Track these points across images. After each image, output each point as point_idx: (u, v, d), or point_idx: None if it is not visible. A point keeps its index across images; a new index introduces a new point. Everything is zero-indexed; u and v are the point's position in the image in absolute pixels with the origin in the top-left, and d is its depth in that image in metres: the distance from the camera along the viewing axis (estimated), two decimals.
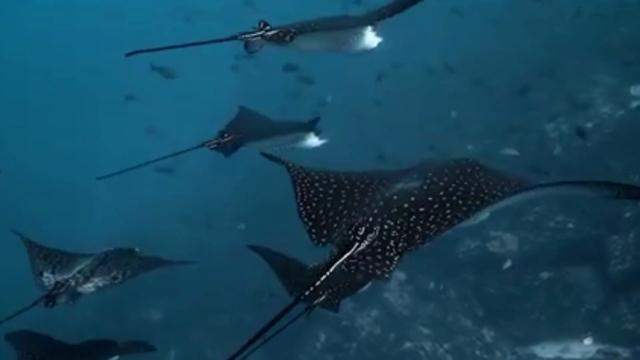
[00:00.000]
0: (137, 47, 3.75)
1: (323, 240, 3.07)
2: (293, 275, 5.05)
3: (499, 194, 3.00)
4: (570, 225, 10.26)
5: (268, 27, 4.09)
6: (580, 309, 9.54)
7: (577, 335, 9.43)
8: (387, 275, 2.81)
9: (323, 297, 4.74)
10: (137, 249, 4.79)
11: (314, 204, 3.24)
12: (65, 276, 4.35)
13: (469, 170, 3.22)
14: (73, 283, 4.32)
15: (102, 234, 16.58)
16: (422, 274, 11.02)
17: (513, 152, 12.10)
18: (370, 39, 4.37)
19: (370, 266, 2.83)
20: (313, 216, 3.18)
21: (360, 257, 2.86)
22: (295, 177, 3.39)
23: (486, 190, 3.03)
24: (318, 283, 2.76)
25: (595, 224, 9.93)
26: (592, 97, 12.98)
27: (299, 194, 3.31)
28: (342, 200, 3.23)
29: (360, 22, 4.23)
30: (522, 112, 13.31)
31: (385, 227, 2.92)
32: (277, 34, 4.06)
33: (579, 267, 9.74)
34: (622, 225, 9.57)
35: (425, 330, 10.48)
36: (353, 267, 2.85)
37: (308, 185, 3.34)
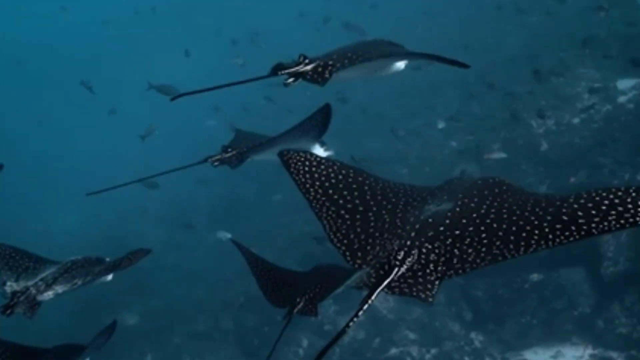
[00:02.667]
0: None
1: (359, 262, 3.08)
2: (273, 282, 5.13)
3: (532, 217, 2.90)
4: None
5: (307, 61, 4.01)
6: (573, 312, 9.23)
7: (569, 339, 9.14)
8: (430, 299, 2.82)
9: (301, 305, 4.84)
10: (107, 259, 4.70)
11: (343, 231, 3.23)
12: (28, 284, 4.32)
13: (496, 190, 3.21)
14: (34, 291, 4.27)
15: (80, 238, 16.19)
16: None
17: (500, 154, 11.80)
18: (400, 64, 4.52)
19: (414, 289, 2.85)
20: (345, 241, 3.19)
21: (402, 280, 2.88)
22: (319, 211, 3.39)
23: (518, 212, 2.97)
24: (361, 313, 2.83)
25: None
26: (578, 92, 12.77)
27: (327, 226, 3.29)
28: (372, 223, 3.22)
29: (393, 52, 4.28)
30: (506, 108, 13.04)
31: (424, 250, 2.94)
32: (315, 68, 3.99)
33: (571, 268, 9.41)
34: None
35: (412, 335, 10.11)
36: (396, 290, 2.86)
37: (334, 216, 3.32)
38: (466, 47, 14.42)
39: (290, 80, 4.00)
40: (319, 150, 5.70)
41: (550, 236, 2.80)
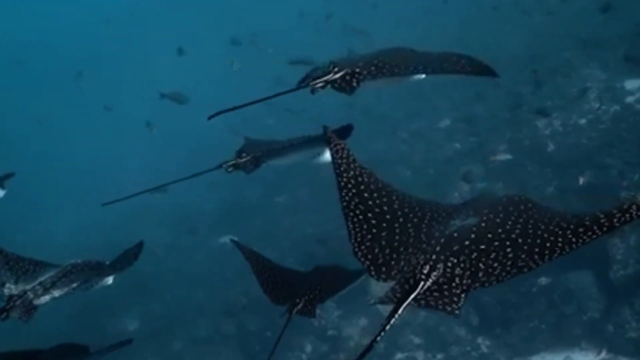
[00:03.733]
0: None
1: (383, 277, 3.09)
2: (273, 281, 5.14)
3: (557, 229, 2.95)
4: None
5: (336, 69, 4.09)
6: (582, 317, 9.03)
7: (578, 344, 8.96)
8: (457, 312, 2.83)
9: (300, 305, 4.85)
10: (107, 263, 4.72)
11: (368, 243, 3.23)
12: (26, 287, 4.30)
13: (522, 207, 3.24)
14: (31, 295, 4.26)
15: (81, 239, 16.08)
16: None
17: (506, 156, 11.66)
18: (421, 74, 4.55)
19: (440, 302, 2.85)
20: (369, 256, 3.18)
21: (428, 293, 2.89)
22: (347, 208, 3.38)
23: (542, 227, 3.00)
24: (388, 327, 2.84)
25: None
26: (585, 92, 12.57)
27: (352, 232, 3.28)
28: (397, 237, 3.23)
29: (421, 65, 4.28)
30: (511, 108, 12.88)
31: (449, 264, 2.95)
32: (343, 76, 4.07)
33: (580, 272, 9.21)
34: (624, 227, 9.05)
35: (417, 340, 9.94)
36: (422, 303, 2.88)
37: (361, 219, 3.32)
38: (467, 46, 14.25)
39: (319, 85, 4.09)
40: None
41: (574, 239, 2.85)
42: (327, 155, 5.50)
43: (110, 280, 4.81)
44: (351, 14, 17.40)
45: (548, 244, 2.89)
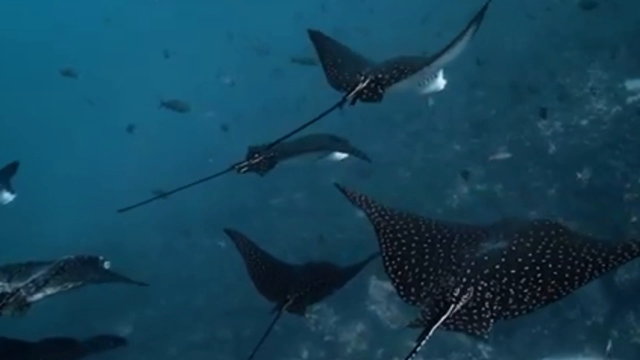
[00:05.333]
0: None
1: (412, 299, 3.07)
2: (265, 274, 5.15)
3: (588, 257, 2.94)
4: None
5: (363, 78, 4.22)
6: (586, 322, 8.81)
7: (581, 349, 8.73)
8: (486, 336, 2.83)
9: (290, 302, 4.83)
10: (100, 257, 4.71)
11: (398, 259, 3.23)
12: (18, 285, 4.30)
13: (552, 232, 3.22)
14: (24, 293, 4.25)
15: (77, 242, 15.87)
16: None
17: (504, 155, 11.46)
18: (441, 80, 4.79)
19: (469, 326, 2.83)
20: (399, 273, 3.18)
21: (457, 317, 2.87)
22: (378, 226, 3.39)
23: (573, 254, 2.99)
24: (418, 348, 2.84)
25: (599, 229, 9.19)
26: (586, 93, 12.39)
27: (384, 247, 3.30)
28: (427, 256, 3.22)
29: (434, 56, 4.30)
30: (512, 109, 12.68)
31: (479, 288, 2.93)
32: (368, 85, 4.21)
33: None
34: (628, 230, 8.88)
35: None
36: (451, 327, 2.85)
37: (391, 236, 3.33)
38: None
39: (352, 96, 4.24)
40: (341, 153, 5.72)
41: (604, 265, 2.87)
42: (336, 154, 5.71)
43: (107, 264, 4.75)
44: (350, 14, 17.27)
45: (578, 270, 2.88)
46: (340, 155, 5.80)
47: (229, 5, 28.42)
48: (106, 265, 4.72)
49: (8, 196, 6.99)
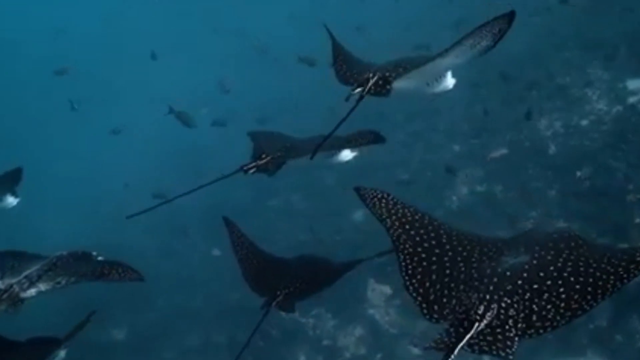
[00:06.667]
0: None
1: (435, 316, 2.99)
2: (256, 269, 5.20)
3: (609, 267, 2.89)
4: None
5: (371, 75, 4.39)
6: (588, 325, 8.62)
7: (584, 354, 8.57)
8: (510, 357, 2.75)
9: (280, 298, 4.86)
10: (94, 253, 4.75)
11: (418, 276, 3.13)
12: (12, 281, 4.32)
13: (572, 244, 3.17)
14: (17, 289, 4.28)
15: (78, 244, 15.65)
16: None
17: (502, 151, 11.35)
18: (450, 79, 4.81)
19: (493, 347, 2.76)
20: (421, 290, 3.09)
21: (481, 337, 2.81)
22: (397, 240, 3.30)
23: (594, 265, 2.93)
24: None
25: (602, 231, 9.06)
26: (586, 93, 12.26)
27: (403, 264, 3.19)
28: (447, 271, 3.13)
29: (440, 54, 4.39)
30: (511, 109, 12.54)
31: (503, 305, 2.87)
32: (376, 82, 4.38)
33: None
34: (632, 232, 8.73)
35: (416, 350, 9.50)
36: (476, 348, 2.78)
37: (411, 251, 3.22)
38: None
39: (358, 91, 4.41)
40: (347, 152, 5.65)
41: (625, 275, 2.85)
42: (344, 154, 5.65)
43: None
44: (348, 13, 17.18)
45: (600, 283, 2.84)
46: (348, 155, 5.73)
47: (229, 5, 28.32)
48: (100, 259, 4.76)
49: (12, 201, 7.13)
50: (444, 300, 3.01)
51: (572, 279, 2.90)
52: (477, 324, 2.81)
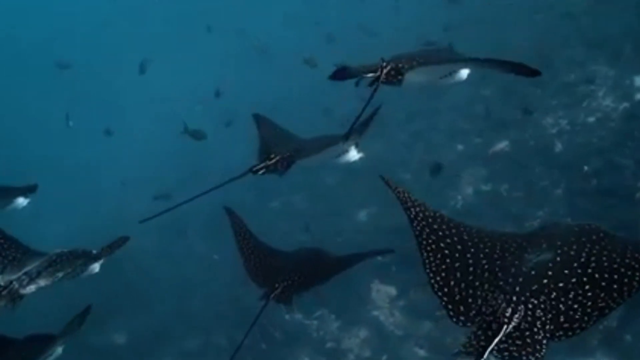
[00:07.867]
0: None
1: (462, 319, 2.94)
2: (257, 260, 5.27)
3: (633, 262, 2.81)
4: None
5: (385, 64, 4.49)
6: (598, 326, 8.41)
7: (593, 355, 8.40)
8: None
9: (278, 291, 4.91)
10: (93, 251, 4.79)
11: (443, 274, 3.07)
12: (11, 277, 4.38)
13: (594, 237, 3.11)
14: (17, 285, 4.33)
15: (77, 244, 15.56)
16: (415, 288, 9.90)
17: (502, 145, 11.24)
18: (464, 71, 4.91)
19: (523, 351, 2.67)
20: (446, 289, 3.03)
21: (510, 340, 2.72)
22: (420, 234, 3.22)
23: (618, 260, 2.86)
24: None
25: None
26: (592, 89, 12.11)
27: (427, 260, 3.13)
28: (471, 269, 3.05)
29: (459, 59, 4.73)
30: (515, 107, 12.40)
31: (530, 306, 2.80)
32: (389, 72, 4.48)
33: None
34: None
35: (421, 353, 9.33)
36: (506, 354, 2.69)
37: (434, 247, 3.15)
38: (470, 42, 13.82)
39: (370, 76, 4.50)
40: (354, 152, 5.64)
41: None
42: (352, 152, 5.64)
43: (97, 268, 4.83)
44: (346, 12, 17.09)
45: (626, 280, 2.76)
46: (356, 155, 5.71)
47: (229, 5, 28.28)
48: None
49: (22, 201, 7.44)
50: (470, 300, 2.94)
51: (596, 275, 2.81)
52: (505, 327, 2.73)
